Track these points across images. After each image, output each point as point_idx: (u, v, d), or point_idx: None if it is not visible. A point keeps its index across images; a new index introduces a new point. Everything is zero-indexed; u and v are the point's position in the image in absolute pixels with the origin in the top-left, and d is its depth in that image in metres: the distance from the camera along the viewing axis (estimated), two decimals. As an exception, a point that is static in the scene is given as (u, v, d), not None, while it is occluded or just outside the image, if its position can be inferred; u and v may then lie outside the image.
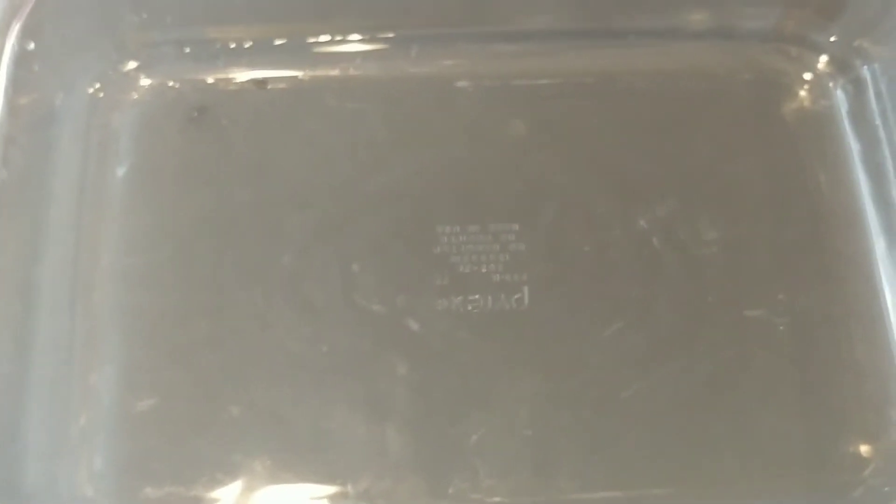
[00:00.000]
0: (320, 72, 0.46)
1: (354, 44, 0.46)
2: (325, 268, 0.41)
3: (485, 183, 0.43)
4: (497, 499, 0.38)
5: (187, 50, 0.45)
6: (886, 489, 0.38)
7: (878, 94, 0.44)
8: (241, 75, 0.45)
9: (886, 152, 0.44)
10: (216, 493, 0.38)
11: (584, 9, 0.46)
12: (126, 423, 0.39)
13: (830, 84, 0.46)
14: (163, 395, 0.39)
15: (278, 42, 0.46)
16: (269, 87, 0.45)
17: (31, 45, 0.40)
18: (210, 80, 0.45)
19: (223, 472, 0.38)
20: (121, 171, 0.43)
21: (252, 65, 0.46)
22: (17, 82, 0.40)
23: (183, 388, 0.39)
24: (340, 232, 0.42)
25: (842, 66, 0.46)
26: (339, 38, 0.46)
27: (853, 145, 0.45)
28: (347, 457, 0.38)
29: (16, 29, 0.40)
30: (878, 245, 0.43)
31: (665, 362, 0.40)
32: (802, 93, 0.46)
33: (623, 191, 0.43)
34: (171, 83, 0.45)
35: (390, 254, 0.42)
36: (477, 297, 0.41)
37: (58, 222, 0.41)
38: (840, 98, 0.46)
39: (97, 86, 0.45)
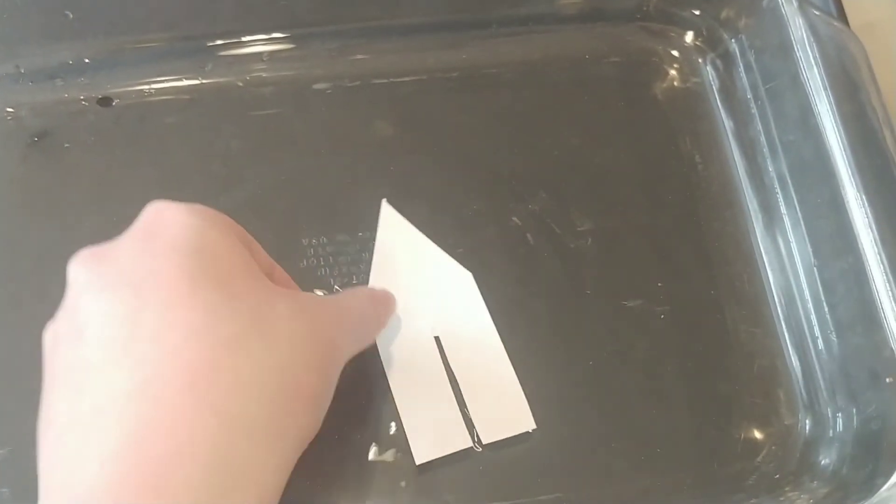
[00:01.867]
0: (166, 84, 0.43)
1: (204, 51, 0.44)
2: (183, 293, 0.38)
3: (351, 189, 0.41)
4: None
5: (22, 71, 0.42)
6: (777, 476, 0.37)
7: (747, 67, 0.44)
8: (83, 94, 0.43)
9: (759, 127, 0.43)
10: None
11: (445, 0, 0.44)
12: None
13: (699, 60, 0.45)
14: (14, 444, 0.37)
15: (120, 55, 0.43)
16: (114, 103, 0.42)
17: None
18: (49, 101, 0.42)
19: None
20: (-43, 206, 0.40)
21: (94, 82, 0.43)
22: None
23: (35, 435, 0.36)
24: (198, 253, 0.39)
25: (709, 40, 0.45)
26: (187, 44, 0.44)
27: (726, 122, 0.44)
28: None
29: None
30: (756, 224, 0.42)
31: (544, 360, 0.38)
32: (672, 72, 0.45)
33: (494, 188, 0.42)
34: (7, 109, 0.42)
35: (253, 272, 0.39)
36: (349, 310, 0.39)
37: None
38: (710, 74, 0.45)
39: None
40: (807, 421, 0.38)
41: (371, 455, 0.36)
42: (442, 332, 0.38)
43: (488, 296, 0.39)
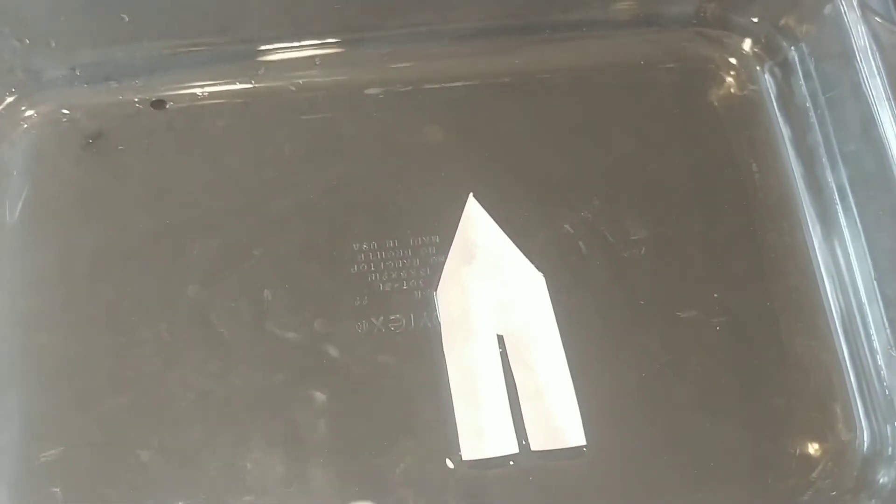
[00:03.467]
0: (219, 87, 0.43)
1: (256, 54, 0.44)
2: (235, 296, 0.39)
3: (401, 195, 0.41)
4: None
5: (78, 73, 0.43)
6: (834, 493, 0.36)
7: (806, 75, 0.43)
8: (137, 96, 0.43)
9: (818, 136, 0.42)
10: (127, 547, 0.35)
11: (497, 5, 0.44)
12: (29, 475, 0.36)
13: (757, 68, 0.45)
14: (67, 443, 0.37)
15: (174, 58, 0.43)
16: (167, 106, 0.42)
17: None
18: (104, 103, 0.43)
19: (134, 522, 0.36)
20: (13, 208, 0.40)
21: (148, 85, 0.43)
22: None
23: (88, 435, 0.37)
24: (249, 257, 0.40)
25: (768, 47, 0.45)
26: (239, 48, 0.44)
27: (784, 131, 0.43)
28: (266, 498, 0.36)
29: None
30: (815, 234, 0.41)
31: (595, 371, 0.38)
32: (729, 79, 0.44)
33: (546, 194, 0.41)
34: (63, 111, 0.43)
35: (304, 277, 0.39)
36: (398, 316, 0.39)
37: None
38: (768, 82, 0.44)
39: (-17, 118, 0.42)
40: (864, 438, 0.38)
41: (418, 441, 0.37)
42: (506, 331, 0.38)
43: (539, 304, 0.39)
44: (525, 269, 0.39)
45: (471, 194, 0.40)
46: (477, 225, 0.40)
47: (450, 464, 0.36)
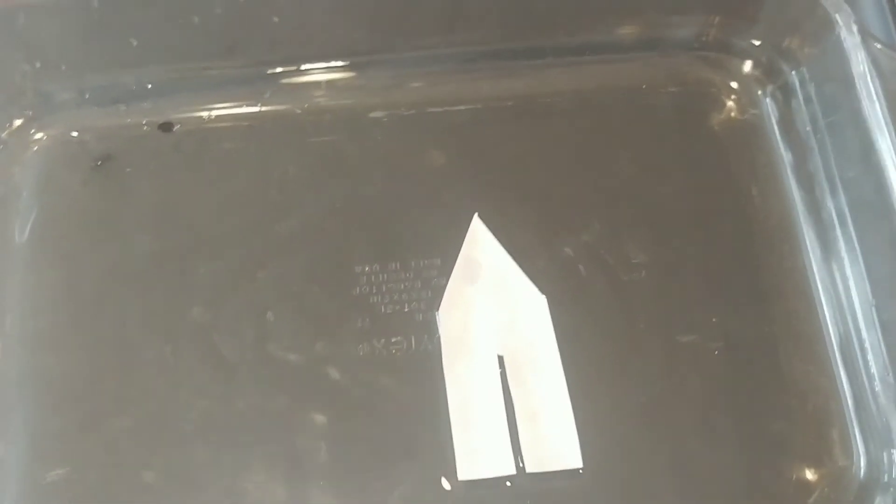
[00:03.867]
0: (226, 111, 0.44)
1: (263, 78, 0.44)
2: (238, 318, 0.39)
3: (403, 218, 0.42)
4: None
5: (87, 96, 0.43)
6: (831, 519, 0.36)
7: (807, 100, 0.43)
8: (145, 119, 0.43)
9: (818, 161, 0.42)
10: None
11: (499, 28, 0.45)
12: (35, 495, 0.37)
13: (759, 91, 0.45)
14: (73, 464, 0.37)
15: (181, 82, 0.44)
16: (175, 129, 0.43)
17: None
18: (112, 126, 0.43)
19: (137, 543, 0.36)
20: (22, 229, 0.41)
21: (156, 107, 0.43)
22: None
23: (93, 455, 0.38)
24: (253, 279, 0.40)
25: (769, 71, 0.45)
26: (245, 72, 0.44)
27: (784, 155, 0.43)
28: (267, 518, 0.36)
29: None
30: (814, 259, 0.41)
31: (593, 395, 0.38)
32: (730, 102, 0.45)
33: (547, 217, 0.42)
34: (72, 133, 0.43)
35: (307, 299, 0.40)
36: (399, 338, 0.39)
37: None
38: (769, 106, 0.44)
39: (-6, 140, 0.43)
40: (861, 464, 0.38)
41: (416, 463, 0.37)
42: (506, 351, 0.38)
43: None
44: (528, 290, 0.40)
45: (476, 214, 0.41)
46: (481, 245, 0.40)
47: (447, 485, 0.36)
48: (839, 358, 0.39)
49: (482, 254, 0.40)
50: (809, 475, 0.37)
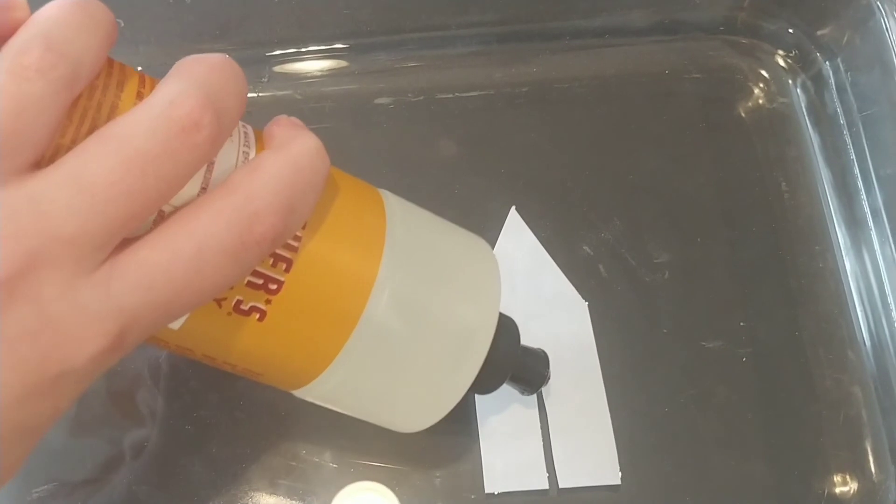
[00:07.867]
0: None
1: (260, 61, 0.41)
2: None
3: (412, 211, 0.39)
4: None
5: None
6: (864, 537, 0.35)
7: (841, 91, 0.41)
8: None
9: (852, 154, 0.40)
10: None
11: (513, 9, 0.42)
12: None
13: (789, 81, 0.42)
14: (59, 480, 0.36)
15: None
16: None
17: None
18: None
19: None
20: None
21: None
22: None
23: (81, 471, 0.35)
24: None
25: (801, 59, 0.42)
26: (241, 54, 0.41)
27: (816, 149, 0.41)
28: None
29: None
30: (847, 261, 0.39)
31: (614, 404, 0.36)
32: (758, 91, 0.42)
33: (564, 213, 0.39)
34: None
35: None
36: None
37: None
38: (800, 96, 0.42)
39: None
40: (897, 479, 0.36)
41: (444, 473, 0.35)
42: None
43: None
44: (567, 292, 0.37)
45: (513, 207, 0.38)
46: (518, 240, 0.38)
47: (474, 497, 0.34)
48: (873, 367, 0.37)
49: (518, 248, 0.38)
50: (841, 490, 0.36)
